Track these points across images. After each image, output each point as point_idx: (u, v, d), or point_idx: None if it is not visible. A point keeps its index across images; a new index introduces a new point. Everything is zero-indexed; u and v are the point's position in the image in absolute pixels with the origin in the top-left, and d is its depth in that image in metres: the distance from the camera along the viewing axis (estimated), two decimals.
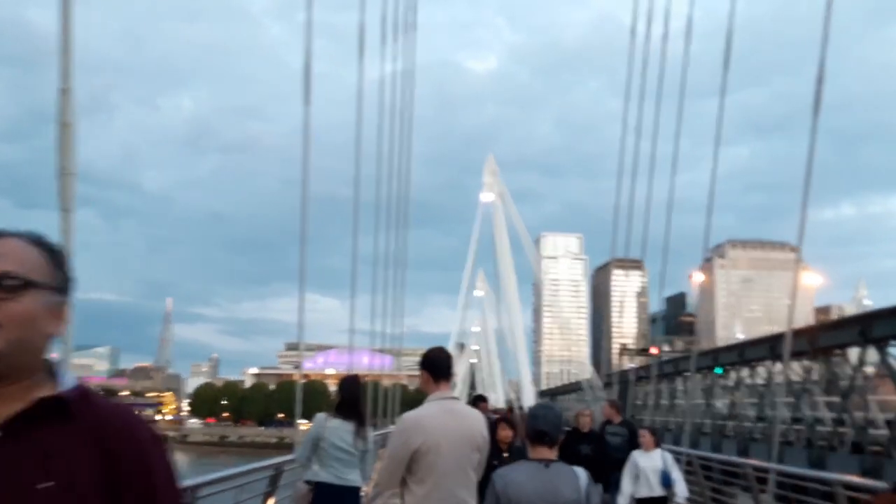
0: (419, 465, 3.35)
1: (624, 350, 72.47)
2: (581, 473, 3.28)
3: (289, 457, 7.13)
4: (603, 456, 8.19)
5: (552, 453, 3.29)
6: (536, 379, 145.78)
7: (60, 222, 4.73)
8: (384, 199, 16.73)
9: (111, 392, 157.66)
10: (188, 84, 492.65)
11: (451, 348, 21.59)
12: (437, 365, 3.65)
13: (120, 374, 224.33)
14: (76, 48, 4.89)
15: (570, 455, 6.43)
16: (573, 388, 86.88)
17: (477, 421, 3.66)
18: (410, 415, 3.61)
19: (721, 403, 36.16)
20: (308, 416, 6.71)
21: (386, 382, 26.44)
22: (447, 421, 3.47)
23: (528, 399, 62.30)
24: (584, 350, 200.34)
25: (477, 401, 9.45)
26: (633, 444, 7.95)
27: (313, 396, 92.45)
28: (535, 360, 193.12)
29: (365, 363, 47.32)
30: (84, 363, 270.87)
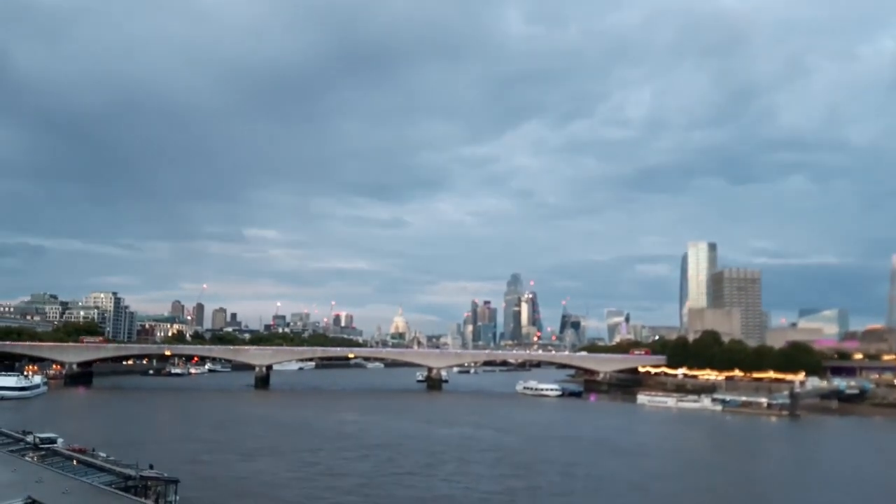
0: None
1: None
2: None
3: None
4: None
5: None
6: None
7: None
8: None
9: (844, 355, 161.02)
10: (887, 23, 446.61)
11: None
12: None
13: (851, 336, 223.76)
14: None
15: None
16: None
17: None
18: None
19: None
20: None
21: None
22: None
23: None
24: None
25: None
26: None
27: None
28: None
29: None
30: (812, 327, 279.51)
